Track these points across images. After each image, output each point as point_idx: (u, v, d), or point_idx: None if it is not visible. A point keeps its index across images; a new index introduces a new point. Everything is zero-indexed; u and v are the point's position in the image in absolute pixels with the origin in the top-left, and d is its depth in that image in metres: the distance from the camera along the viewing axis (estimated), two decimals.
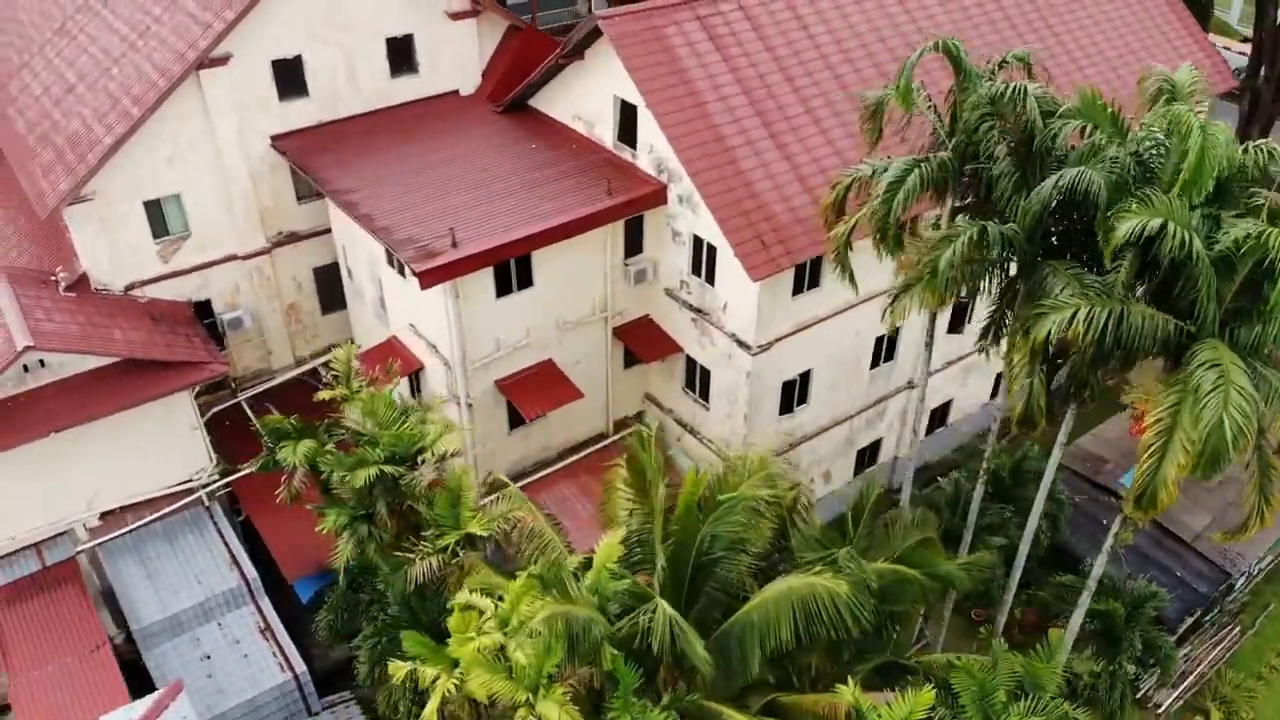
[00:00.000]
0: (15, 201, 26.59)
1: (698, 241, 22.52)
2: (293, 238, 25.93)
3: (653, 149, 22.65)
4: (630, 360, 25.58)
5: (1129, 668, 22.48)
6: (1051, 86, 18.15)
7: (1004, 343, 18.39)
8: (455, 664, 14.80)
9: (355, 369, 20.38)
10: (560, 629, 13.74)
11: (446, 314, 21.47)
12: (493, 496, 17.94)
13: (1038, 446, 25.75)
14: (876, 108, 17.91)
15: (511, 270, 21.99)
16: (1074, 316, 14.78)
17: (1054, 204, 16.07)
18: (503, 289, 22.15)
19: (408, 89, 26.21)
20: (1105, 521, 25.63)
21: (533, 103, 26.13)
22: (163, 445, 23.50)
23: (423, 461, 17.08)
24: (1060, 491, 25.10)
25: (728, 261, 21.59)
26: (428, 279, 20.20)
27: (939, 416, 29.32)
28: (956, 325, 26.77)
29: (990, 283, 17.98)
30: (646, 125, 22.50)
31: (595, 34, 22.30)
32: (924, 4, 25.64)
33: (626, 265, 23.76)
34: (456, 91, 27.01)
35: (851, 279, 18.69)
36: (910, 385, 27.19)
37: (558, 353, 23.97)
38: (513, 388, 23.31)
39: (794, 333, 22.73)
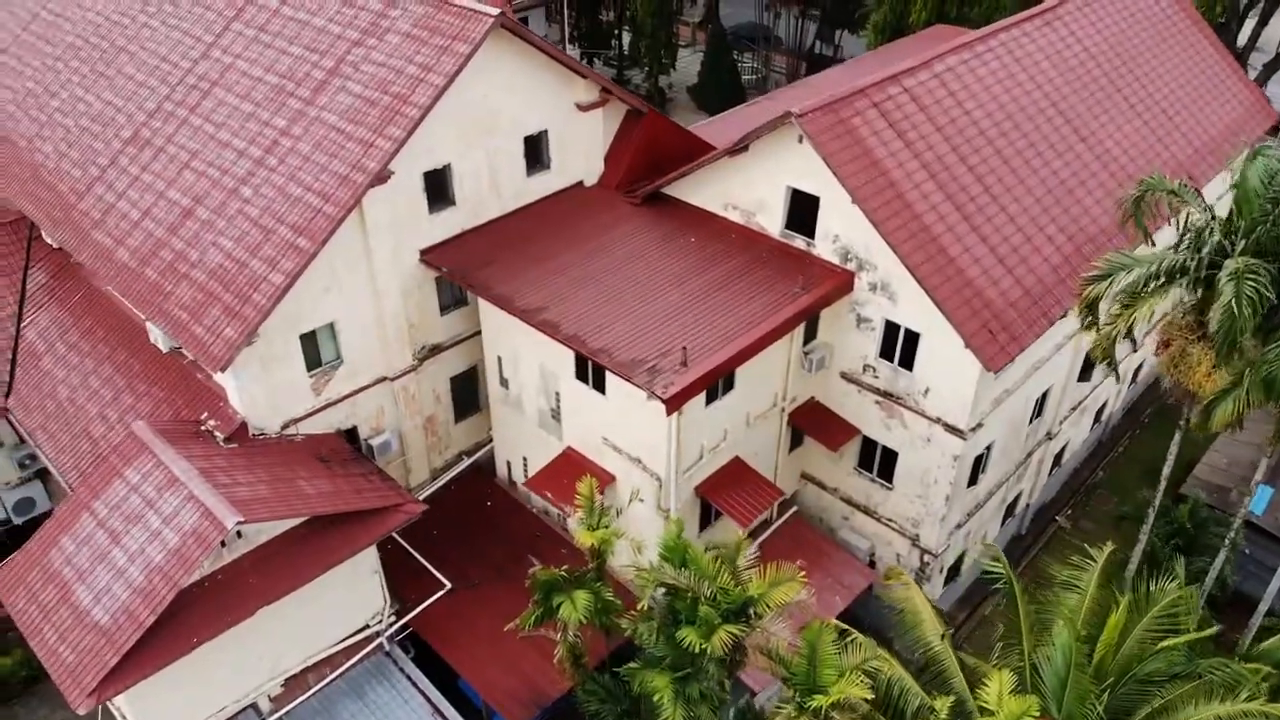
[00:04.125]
0: (117, 337, 24.10)
1: (890, 327, 22.37)
2: (435, 351, 24.39)
3: (837, 238, 22.37)
4: (794, 443, 25.22)
5: None
6: None
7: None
8: None
9: (598, 503, 19.28)
10: None
11: (668, 428, 20.57)
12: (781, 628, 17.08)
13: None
14: (1137, 202, 18.17)
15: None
16: None
17: None
18: (710, 395, 21.43)
19: (541, 186, 25.05)
20: (1249, 551, 26.91)
21: (668, 191, 25.41)
22: (344, 594, 21.69)
23: (758, 615, 16.21)
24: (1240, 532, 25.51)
25: (936, 347, 21.53)
26: (674, 405, 19.32)
27: (1057, 459, 30.09)
28: (1086, 374, 27.57)
29: None
30: (830, 214, 22.22)
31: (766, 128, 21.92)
32: (1044, 71, 26.23)
33: (806, 353, 23.37)
34: (581, 182, 25.99)
35: (1115, 369, 18.91)
36: (1049, 436, 27.79)
37: (743, 448, 23.38)
38: (712, 492, 22.58)
39: (992, 410, 22.87)
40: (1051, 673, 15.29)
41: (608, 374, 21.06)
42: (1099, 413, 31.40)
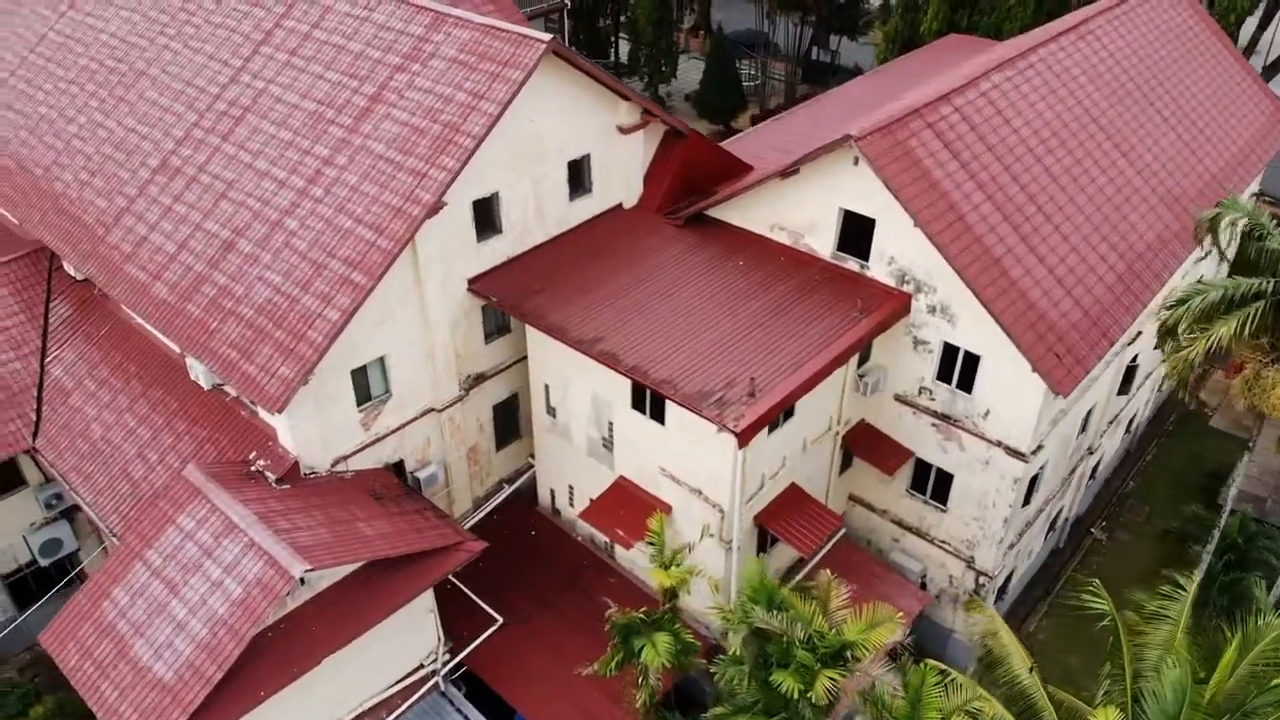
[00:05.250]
0: (151, 374, 23.35)
1: (949, 349, 22.16)
2: (480, 380, 23.86)
3: (894, 260, 22.12)
4: (844, 465, 24.96)
5: None
6: None
7: None
8: None
9: (667, 540, 18.88)
10: None
11: (734, 459, 20.20)
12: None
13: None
14: (1214, 223, 18.07)
15: None
16: None
17: None
18: (773, 423, 21.09)
19: (583, 210, 24.58)
20: None
21: (712, 212, 25.05)
22: (400, 635, 21.09)
23: (856, 658, 15.87)
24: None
25: (998, 370, 21.36)
26: (745, 438, 18.96)
27: (1092, 471, 30.10)
28: (1125, 387, 27.57)
29: None
30: (887, 236, 21.97)
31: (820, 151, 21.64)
32: (1082, 86, 26.15)
33: (861, 376, 23.11)
34: (621, 205, 25.54)
35: (1189, 391, 18.81)
36: (1090, 451, 27.76)
37: (799, 474, 23.07)
38: (771, 520, 22.23)
39: (1050, 431, 22.73)
40: (1159, 710, 15.11)
41: (668, 404, 20.68)
42: (1129, 422, 31.46)
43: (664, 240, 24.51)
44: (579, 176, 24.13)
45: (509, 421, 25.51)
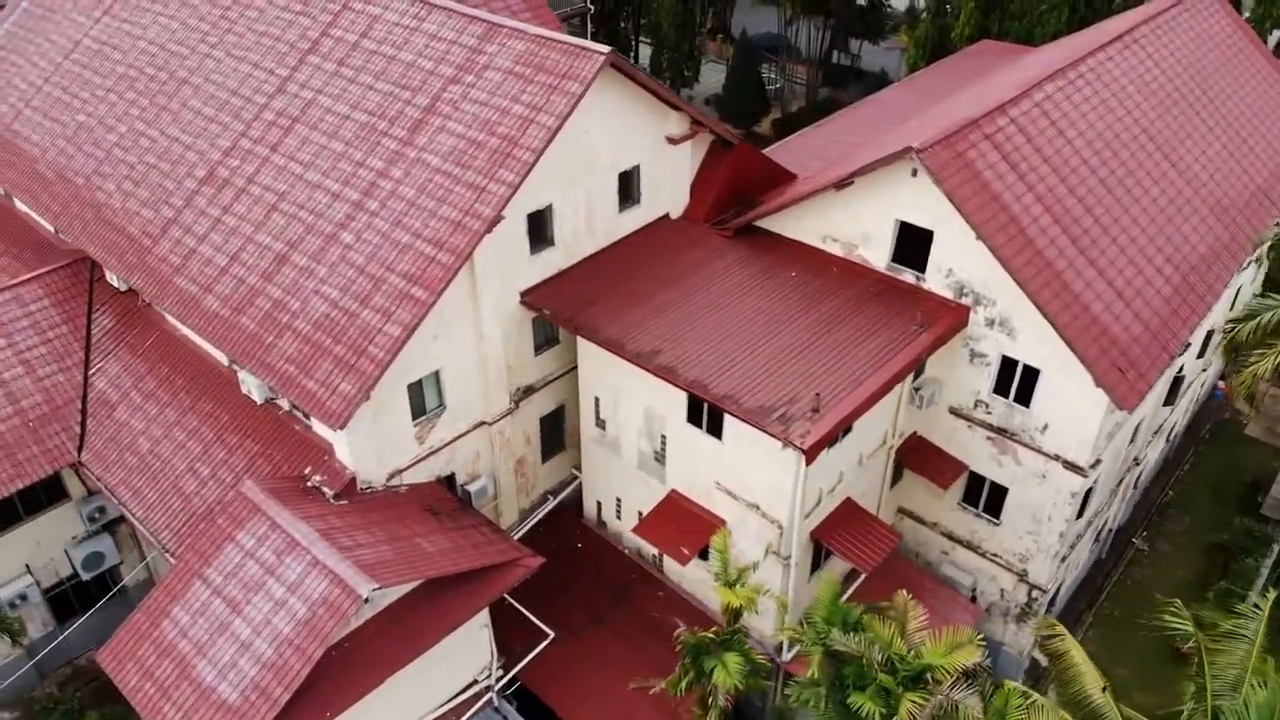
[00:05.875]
0: (199, 387, 23.13)
1: (1007, 362, 22.00)
2: (529, 392, 23.67)
3: (951, 272, 21.96)
4: (895, 479, 24.80)
5: None
6: None
7: None
8: None
9: (729, 560, 18.71)
10: None
11: (795, 475, 20.02)
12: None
13: None
14: (1276, 243, 17.92)
15: None
16: None
17: None
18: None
19: (631, 220, 24.39)
20: None
21: (760, 223, 24.87)
22: (455, 651, 20.85)
23: (936, 680, 15.72)
24: None
25: (1058, 384, 21.21)
26: (812, 455, 18.79)
27: (1134, 481, 29.97)
28: (1171, 398, 27.44)
29: None
30: (945, 248, 21.80)
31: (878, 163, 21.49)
32: (1131, 96, 25.99)
33: (916, 389, 22.95)
34: (667, 215, 25.36)
35: (1254, 403, 18.63)
36: (1136, 462, 27.63)
37: (853, 488, 22.90)
38: (828, 535, 22.05)
39: (1107, 444, 22.59)
40: None
41: (726, 419, 20.52)
42: (1169, 431, 31.34)
43: (713, 251, 24.33)
44: (628, 187, 23.95)
45: (555, 433, 25.34)
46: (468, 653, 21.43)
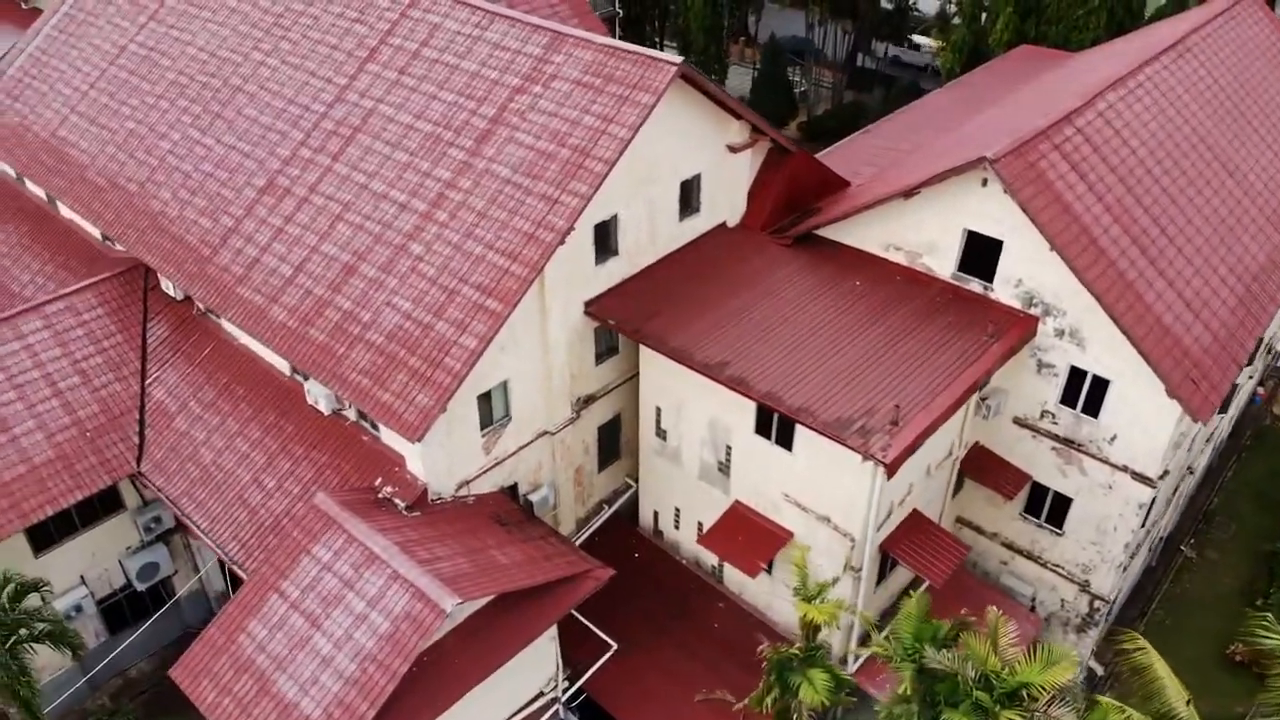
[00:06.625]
0: (261, 397, 23.00)
1: (1075, 373, 21.94)
2: (589, 401, 23.57)
3: (1021, 282, 21.88)
4: (956, 489, 24.73)
5: None
6: None
7: None
8: None
9: (808, 574, 18.63)
10: None
11: (871, 487, 19.95)
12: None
13: None
14: None
15: None
16: None
17: None
18: None
19: (690, 229, 24.31)
20: None
21: (819, 231, 24.79)
22: (523, 663, 20.71)
23: (1032, 698, 15.62)
24: None
25: (1128, 395, 21.15)
26: (894, 468, 18.71)
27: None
28: (1225, 405, 27.35)
29: None
30: (1015, 258, 21.73)
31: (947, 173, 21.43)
32: (1187, 105, 25.92)
33: (983, 400, 22.87)
34: (724, 223, 25.27)
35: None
36: (1190, 470, 27.60)
37: (920, 499, 22.84)
38: (897, 547, 21.98)
39: (1173, 455, 22.54)
40: None
41: (797, 430, 20.44)
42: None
43: (773, 260, 24.24)
44: (688, 196, 23.86)
45: (611, 442, 25.25)
46: (535, 664, 21.32)
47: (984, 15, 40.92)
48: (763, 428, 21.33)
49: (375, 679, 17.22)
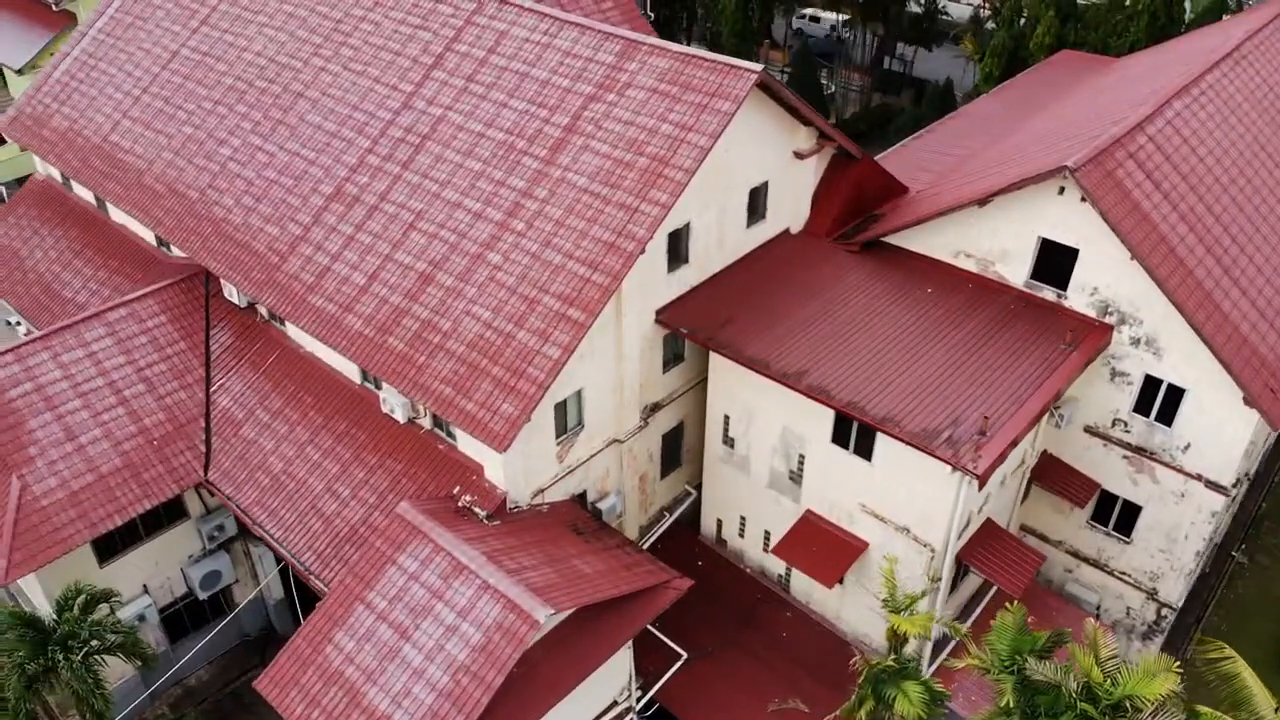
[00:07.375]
0: (331, 405, 22.92)
1: (1150, 381, 21.93)
2: (655, 409, 23.52)
3: (1097, 290, 21.86)
4: (1023, 497, 24.72)
5: None
6: None
7: None
8: None
9: (897, 586, 18.60)
10: None
11: (954, 497, 19.91)
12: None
13: None
14: None
15: None
16: None
17: None
18: None
19: (756, 236, 24.27)
20: None
21: (887, 238, 24.76)
22: (598, 672, 20.66)
23: (1135, 709, 15.60)
24: None
25: (1204, 404, 21.15)
26: (985, 479, 18.68)
27: None
28: None
29: None
30: (1091, 267, 21.70)
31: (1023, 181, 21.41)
32: (1247, 113, 25.87)
33: (1056, 408, 22.82)
34: (788, 230, 25.24)
35: None
36: (1247, 476, 27.56)
37: (993, 509, 22.80)
38: (974, 557, 21.94)
39: (1245, 463, 22.54)
40: None
41: (877, 439, 20.40)
42: None
43: (841, 267, 24.21)
44: (756, 203, 23.82)
45: (674, 450, 25.20)
46: (610, 674, 21.25)
47: (1022, 19, 40.89)
48: (840, 437, 21.27)
49: (469, 691, 17.16)
